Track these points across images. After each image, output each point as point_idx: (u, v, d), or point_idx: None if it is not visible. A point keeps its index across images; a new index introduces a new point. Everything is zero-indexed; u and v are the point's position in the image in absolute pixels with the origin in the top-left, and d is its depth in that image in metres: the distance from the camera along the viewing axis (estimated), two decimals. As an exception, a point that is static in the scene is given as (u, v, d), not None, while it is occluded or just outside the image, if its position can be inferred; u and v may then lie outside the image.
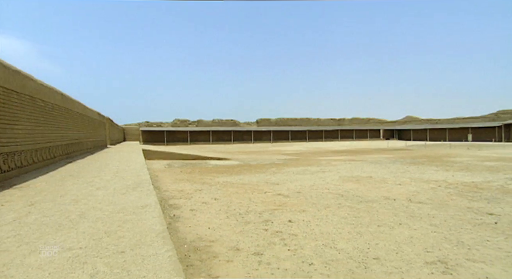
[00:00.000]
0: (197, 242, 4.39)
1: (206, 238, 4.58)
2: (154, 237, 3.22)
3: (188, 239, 4.51)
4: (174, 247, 3.05)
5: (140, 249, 2.90)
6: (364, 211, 6.13)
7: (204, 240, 4.47)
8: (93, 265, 2.58)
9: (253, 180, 10.58)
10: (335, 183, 9.66)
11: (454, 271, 3.44)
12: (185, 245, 4.25)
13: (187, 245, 4.26)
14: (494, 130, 44.20)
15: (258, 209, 6.38)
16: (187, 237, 4.63)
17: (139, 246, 2.99)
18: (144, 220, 3.89)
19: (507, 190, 8.09)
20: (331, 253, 3.95)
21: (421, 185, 8.98)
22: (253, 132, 55.32)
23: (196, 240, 4.50)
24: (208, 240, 4.47)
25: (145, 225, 3.68)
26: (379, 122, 66.85)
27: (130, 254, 2.80)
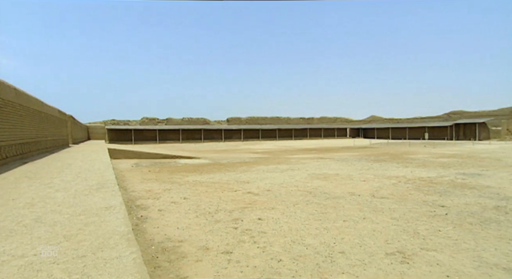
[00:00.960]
0: (165, 243, 4.30)
1: (175, 238, 4.50)
2: (118, 240, 3.11)
3: (156, 240, 4.41)
4: (139, 249, 2.97)
5: (102, 253, 2.78)
6: (331, 207, 6.36)
7: (172, 241, 4.39)
8: (48, 272, 2.43)
9: (223, 179, 10.55)
10: (303, 180, 9.91)
11: (410, 260, 3.69)
12: (152, 246, 4.15)
13: (155, 246, 4.16)
14: (447, 129, 47.79)
15: (228, 208, 6.37)
16: (155, 238, 4.51)
17: (101, 249, 2.87)
18: (108, 222, 3.74)
19: (456, 184, 8.80)
20: (299, 249, 4.06)
21: (384, 181, 9.50)
22: (223, 131, 54.97)
23: (165, 240, 4.40)
24: (176, 240, 4.40)
25: (109, 227, 3.53)
26: (346, 121, 69.49)
27: (91, 258, 2.68)
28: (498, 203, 6.52)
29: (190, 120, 60.30)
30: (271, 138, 58.00)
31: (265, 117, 66.09)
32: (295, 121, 68.14)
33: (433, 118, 54.64)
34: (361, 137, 63.22)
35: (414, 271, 3.41)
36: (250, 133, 57.40)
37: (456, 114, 51.30)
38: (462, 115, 50.34)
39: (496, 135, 42.57)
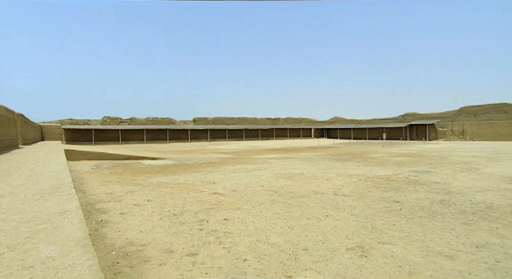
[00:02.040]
0: (127, 247, 4.13)
1: (137, 242, 4.35)
2: (73, 246, 2.94)
3: (117, 245, 4.22)
4: (98, 255, 2.83)
5: (54, 262, 2.61)
6: (295, 205, 6.53)
7: (135, 245, 4.23)
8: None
9: (189, 180, 10.36)
10: (269, 180, 10.06)
11: (368, 254, 3.92)
12: (113, 252, 3.97)
13: (116, 252, 3.98)
14: (402, 130, 51.29)
15: (193, 209, 6.28)
16: (116, 242, 4.32)
17: (53, 258, 2.69)
18: (62, 228, 3.51)
19: (410, 181, 9.50)
20: (264, 248, 4.12)
21: (345, 180, 9.95)
22: (189, 131, 53.91)
23: (126, 245, 4.23)
24: (139, 244, 4.25)
25: (63, 233, 3.32)
26: (311, 122, 71.62)
27: (41, 268, 2.49)
28: (443, 197, 7.14)
29: (155, 120, 58.33)
30: (238, 138, 58.01)
31: (232, 117, 65.95)
32: (262, 121, 68.80)
33: (390, 119, 58.24)
34: (325, 137, 65.51)
35: (371, 264, 3.63)
36: (217, 133, 56.93)
37: (410, 115, 55.16)
38: (415, 117, 54.23)
39: (443, 135, 46.51)
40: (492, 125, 42.49)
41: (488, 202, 6.70)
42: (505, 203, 6.59)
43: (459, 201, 6.82)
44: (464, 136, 44.35)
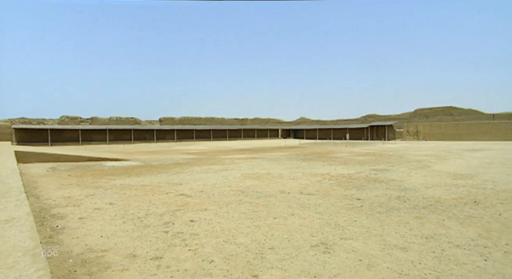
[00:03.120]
0: (86, 254, 3.92)
1: (98, 248, 4.14)
2: (21, 256, 2.73)
3: (74, 252, 3.99)
4: (51, 264, 2.66)
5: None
6: (262, 205, 6.62)
7: (95, 251, 4.03)
8: None
9: (154, 181, 10.05)
10: (236, 180, 10.08)
11: (331, 250, 4.10)
12: (70, 260, 3.74)
13: (73, 259, 3.76)
14: (364, 130, 54.01)
15: (159, 211, 6.12)
16: (73, 249, 4.08)
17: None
18: (8, 237, 3.25)
19: (370, 179, 10.05)
20: (231, 248, 4.14)
21: (311, 179, 10.26)
22: (155, 131, 52.17)
23: (85, 251, 4.02)
24: (99, 250, 4.05)
25: (9, 243, 3.07)
26: (278, 122, 72.78)
27: (-18, 283, 2.30)
28: (399, 194, 7.66)
29: (118, 119, 55.67)
30: (206, 139, 57.30)
31: (200, 118, 64.99)
32: (230, 121, 68.60)
33: (353, 120, 61.03)
34: (291, 137, 66.90)
35: (334, 259, 3.79)
36: (184, 134, 55.75)
37: (371, 117, 58.26)
38: (375, 118, 57.37)
39: (400, 135, 49.76)
40: (440, 126, 46.30)
41: (437, 196, 7.29)
42: (451, 197, 7.22)
43: (413, 196, 7.35)
44: (418, 136, 47.79)
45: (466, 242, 4.34)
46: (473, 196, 7.29)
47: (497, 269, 3.48)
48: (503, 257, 3.83)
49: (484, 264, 3.62)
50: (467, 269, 3.48)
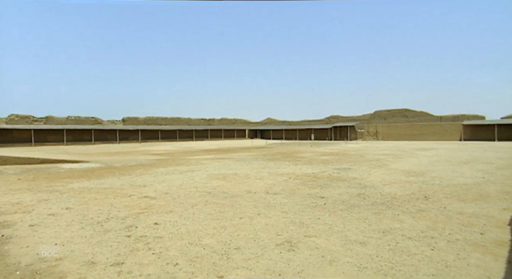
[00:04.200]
0: (37, 265, 3.65)
1: (51, 257, 3.87)
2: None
3: (23, 263, 3.69)
4: None
5: None
6: (228, 206, 6.62)
7: (47, 260, 3.77)
8: None
9: (116, 184, 9.60)
10: (203, 181, 9.97)
11: (295, 248, 4.22)
12: (17, 272, 3.46)
13: (21, 271, 3.48)
14: (327, 131, 56.08)
15: (120, 215, 5.87)
16: (22, 260, 3.78)
17: None
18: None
19: (333, 178, 10.48)
20: (196, 250, 4.09)
21: (277, 178, 10.45)
22: (118, 131, 49.75)
23: (36, 262, 3.74)
24: (53, 259, 3.79)
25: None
26: (245, 123, 72.99)
27: None
28: (360, 191, 8.08)
29: (77, 119, 52.23)
30: (171, 139, 55.81)
31: (165, 118, 63.14)
32: (196, 122, 67.49)
33: (318, 121, 63.06)
34: (258, 137, 67.46)
35: (298, 257, 3.91)
36: (149, 134, 53.84)
37: (334, 118, 60.62)
38: (338, 119, 59.79)
39: (361, 135, 52.40)
40: (397, 127, 49.55)
41: (393, 193, 7.80)
42: (405, 193, 7.77)
43: (372, 193, 7.79)
44: (377, 136, 50.66)
45: (417, 234, 4.70)
46: (424, 192, 7.90)
47: (441, 257, 3.82)
48: (447, 245, 4.21)
49: (431, 253, 3.96)
50: (417, 259, 3.78)
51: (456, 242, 4.35)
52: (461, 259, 3.76)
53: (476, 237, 4.57)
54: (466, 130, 43.54)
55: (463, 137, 43.35)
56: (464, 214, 5.83)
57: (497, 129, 41.14)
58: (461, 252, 3.97)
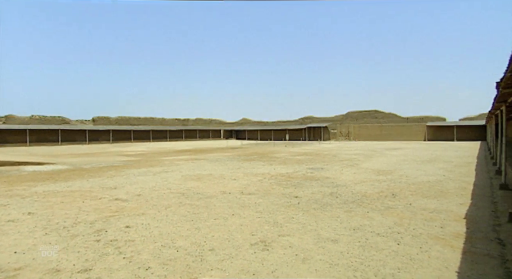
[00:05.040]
0: (-5, 274, 3.41)
1: (10, 266, 3.64)
2: None
3: (-21, 273, 3.44)
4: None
5: None
6: (203, 207, 6.56)
7: (5, 270, 3.53)
8: None
9: (85, 186, 9.17)
10: (177, 182, 9.79)
11: (270, 247, 4.26)
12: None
13: (-22, 281, 3.24)
14: (302, 131, 57.13)
15: (89, 219, 5.62)
16: (-22, 270, 3.51)
17: None
18: None
19: (307, 177, 10.70)
20: (169, 253, 4.02)
21: (252, 178, 10.49)
22: (88, 132, 47.49)
23: (-6, 271, 3.49)
24: (12, 269, 3.56)
25: None
26: (220, 123, 72.52)
27: None
28: (332, 190, 8.32)
29: (42, 118, 49.13)
30: (145, 140, 54.22)
31: (138, 117, 61.22)
32: (170, 122, 66.07)
33: (292, 121, 64.05)
34: (234, 138, 67.28)
35: (272, 256, 3.96)
36: (121, 135, 51.92)
37: (308, 118, 61.87)
38: (312, 120, 61.09)
39: (334, 136, 53.94)
40: (367, 127, 51.55)
41: (363, 191, 8.12)
42: (374, 191, 8.11)
43: (344, 192, 8.05)
44: (349, 136, 52.37)
45: (385, 230, 4.93)
46: (392, 190, 8.29)
47: (406, 251, 4.04)
48: (411, 240, 4.46)
49: (397, 248, 4.17)
50: (384, 254, 3.96)
51: (420, 236, 4.62)
52: (423, 252, 3.99)
53: (437, 231, 4.87)
54: (429, 131, 46.21)
55: (427, 137, 45.99)
56: (427, 209, 6.19)
57: (456, 130, 44.13)
58: (424, 246, 4.22)
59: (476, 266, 3.58)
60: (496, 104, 9.70)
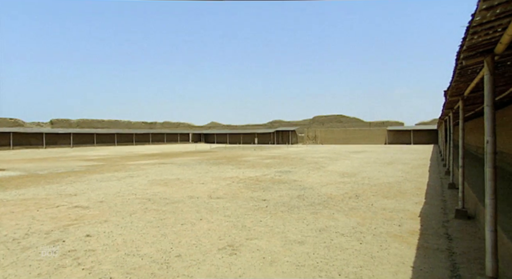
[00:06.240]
0: None
1: (-49, 283, 3.29)
2: None
3: None
4: None
5: None
6: (170, 212, 6.40)
7: None
8: None
9: (40, 194, 8.53)
10: (143, 187, 9.46)
11: (237, 251, 4.27)
12: None
13: None
14: (270, 135, 57.88)
15: (44, 229, 5.25)
16: None
17: None
18: None
19: (275, 180, 10.86)
20: (133, 261, 3.87)
21: (220, 182, 10.42)
22: (45, 135, 44.20)
23: None
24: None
25: None
26: (189, 127, 71.21)
27: None
28: (300, 193, 8.52)
29: (-11, 120, 44.95)
30: (109, 144, 51.67)
31: (102, 120, 58.26)
32: (137, 125, 63.68)
33: (261, 125, 64.65)
34: (202, 142, 66.40)
35: (240, 260, 3.96)
36: (83, 138, 49.03)
37: (276, 122, 62.87)
38: (281, 124, 62.17)
39: (301, 139, 55.28)
40: (333, 131, 53.53)
41: (329, 193, 8.41)
42: (339, 193, 8.44)
43: (310, 194, 8.28)
44: (316, 140, 53.97)
45: (348, 230, 5.15)
46: (355, 191, 8.68)
47: (368, 250, 4.26)
48: (373, 239, 4.71)
49: (360, 247, 4.38)
50: (348, 253, 4.14)
51: (380, 235, 4.88)
52: (383, 250, 4.23)
53: (396, 229, 5.19)
54: (389, 135, 49.08)
55: (387, 140, 48.80)
56: (387, 209, 6.57)
57: (412, 134, 47.32)
58: (384, 244, 4.47)
59: (428, 260, 3.87)
60: (445, 110, 10.57)
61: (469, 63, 3.13)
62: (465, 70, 3.92)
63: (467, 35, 2.52)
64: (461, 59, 3.18)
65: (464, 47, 2.82)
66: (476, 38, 2.58)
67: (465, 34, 2.54)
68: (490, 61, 2.93)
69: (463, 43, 2.75)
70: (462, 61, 3.21)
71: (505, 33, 2.42)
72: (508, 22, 2.26)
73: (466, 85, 5.20)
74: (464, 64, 3.23)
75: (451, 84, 4.94)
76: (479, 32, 2.45)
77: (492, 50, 2.90)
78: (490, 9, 2.03)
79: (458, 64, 3.50)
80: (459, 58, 3.23)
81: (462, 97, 6.22)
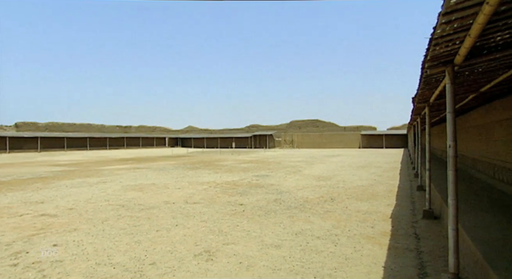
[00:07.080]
0: None
1: None
2: None
3: None
4: None
5: None
6: (144, 218, 6.23)
7: None
8: None
9: (2, 202, 8.00)
10: (116, 193, 9.13)
11: (214, 257, 4.23)
12: None
13: None
14: (248, 139, 58.01)
15: (5, 240, 4.93)
16: None
17: None
18: None
19: (252, 185, 10.88)
20: (105, 271, 3.73)
21: (197, 187, 10.29)
22: (8, 139, 41.44)
23: None
24: None
25: None
26: (165, 131, 69.75)
27: None
28: (277, 197, 8.60)
29: None
30: (81, 148, 49.41)
31: (73, 124, 55.66)
32: (111, 129, 61.44)
33: (238, 130, 64.61)
34: (179, 146, 65.24)
35: (216, 266, 3.93)
36: (52, 142, 46.48)
37: (254, 127, 63.12)
38: (258, 128, 62.45)
39: (279, 144, 55.85)
40: (310, 136, 54.58)
41: (305, 197, 8.55)
42: (315, 196, 8.60)
43: (287, 198, 8.37)
44: (293, 144, 54.73)
45: (324, 233, 5.26)
46: (331, 194, 8.88)
47: (342, 252, 4.37)
48: (347, 241, 4.84)
49: (335, 249, 4.48)
50: (323, 256, 4.23)
51: (354, 237, 5.03)
52: (357, 251, 4.36)
53: (368, 230, 5.37)
54: (363, 139, 50.77)
55: (361, 145, 50.45)
56: (360, 211, 6.78)
57: (384, 138, 49.26)
58: (357, 245, 4.61)
59: (398, 260, 4.04)
60: (414, 116, 11.13)
61: (433, 72, 3.34)
62: (430, 78, 4.17)
63: (430, 46, 2.69)
64: (425, 68, 3.39)
65: (428, 57, 3.01)
66: (438, 49, 2.77)
67: (428, 45, 2.72)
68: (451, 71, 3.15)
69: (427, 53, 2.94)
70: (426, 70, 3.42)
71: (462, 45, 2.62)
72: (464, 36, 2.45)
73: (431, 93, 5.52)
74: (429, 73, 3.44)
75: (418, 92, 5.23)
76: (440, 43, 2.64)
77: (452, 61, 3.12)
78: (448, 23, 2.19)
79: (423, 73, 3.72)
80: (424, 67, 3.44)
81: (428, 103, 6.59)
